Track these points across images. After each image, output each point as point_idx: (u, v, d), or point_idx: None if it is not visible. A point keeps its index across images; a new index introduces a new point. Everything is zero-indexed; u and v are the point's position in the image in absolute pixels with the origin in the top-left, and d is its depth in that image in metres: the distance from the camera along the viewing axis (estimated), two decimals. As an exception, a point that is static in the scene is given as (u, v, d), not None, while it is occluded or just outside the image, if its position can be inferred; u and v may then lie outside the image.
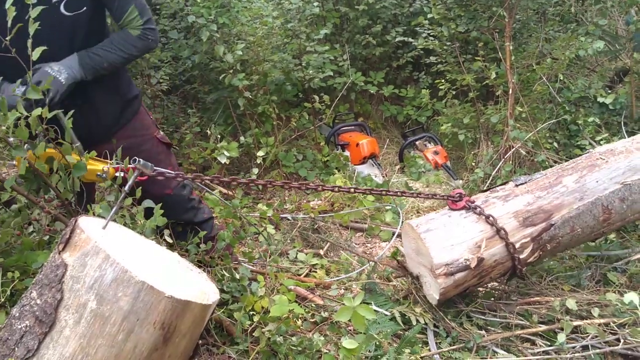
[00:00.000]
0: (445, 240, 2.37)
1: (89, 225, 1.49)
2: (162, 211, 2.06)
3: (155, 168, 1.76)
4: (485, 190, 2.70)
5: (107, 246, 1.39)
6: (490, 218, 2.41)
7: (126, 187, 1.68)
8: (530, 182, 2.65)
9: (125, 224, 1.99)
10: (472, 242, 2.38)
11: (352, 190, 2.32)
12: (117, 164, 1.95)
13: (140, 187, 2.00)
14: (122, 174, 1.92)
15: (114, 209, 1.63)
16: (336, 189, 2.31)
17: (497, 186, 2.71)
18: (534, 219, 2.49)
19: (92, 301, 1.35)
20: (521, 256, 2.43)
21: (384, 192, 2.46)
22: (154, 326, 1.37)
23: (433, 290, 2.39)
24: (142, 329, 1.36)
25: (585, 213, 2.57)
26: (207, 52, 4.55)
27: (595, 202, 2.59)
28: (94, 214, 1.87)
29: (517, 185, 2.64)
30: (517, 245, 2.42)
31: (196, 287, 1.56)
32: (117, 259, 1.36)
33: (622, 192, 2.65)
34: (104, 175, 1.93)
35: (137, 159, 1.69)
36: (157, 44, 2.37)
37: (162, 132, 2.55)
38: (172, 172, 1.82)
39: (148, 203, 2.07)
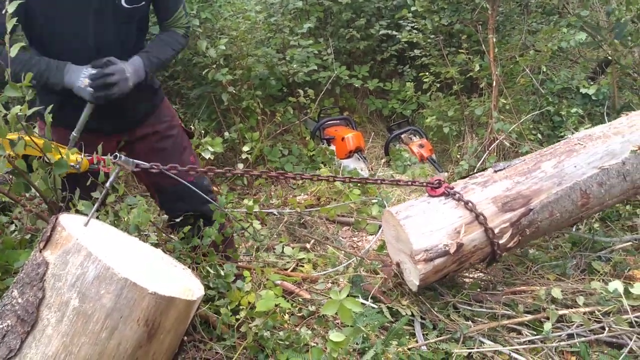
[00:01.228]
0: (425, 226, 2.37)
1: (70, 223, 1.47)
2: (145, 207, 2.05)
3: (137, 162, 1.74)
4: (465, 177, 2.70)
5: (89, 243, 1.37)
6: (469, 204, 2.41)
7: (107, 184, 1.66)
8: (509, 168, 2.66)
9: (109, 222, 1.97)
10: (452, 228, 2.38)
11: (330, 178, 2.34)
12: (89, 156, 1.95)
13: (162, 172, 2.02)
14: (99, 166, 1.90)
15: (95, 206, 1.61)
16: (315, 177, 2.31)
17: (476, 172, 2.71)
18: (512, 204, 2.49)
19: (75, 299, 1.33)
20: (500, 241, 2.44)
21: (363, 180, 2.49)
22: (138, 323, 1.35)
23: (413, 277, 2.39)
24: (125, 326, 1.34)
25: (563, 198, 2.58)
26: (190, 47, 4.52)
27: (573, 187, 2.60)
28: (77, 212, 1.85)
29: (496, 171, 2.64)
30: (496, 231, 2.42)
31: (180, 283, 1.54)
32: (99, 256, 1.34)
33: (600, 177, 2.67)
34: (77, 166, 1.91)
35: (118, 155, 1.67)
36: None
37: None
38: (147, 164, 1.81)
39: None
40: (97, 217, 1.88)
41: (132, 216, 2.05)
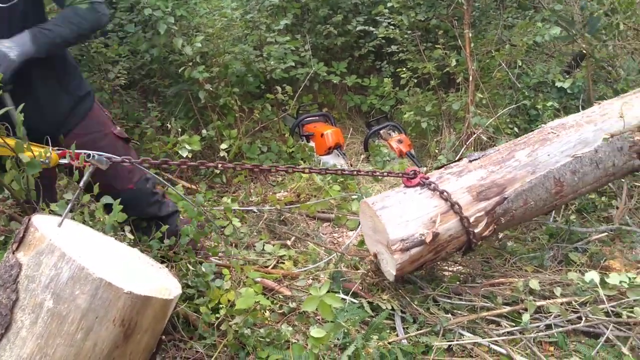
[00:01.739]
0: (400, 216, 2.38)
1: (43, 224, 1.44)
2: (121, 207, 2.03)
3: (111, 157, 1.72)
4: (440, 167, 2.72)
5: (62, 244, 1.35)
6: (445, 193, 2.43)
7: (81, 184, 1.63)
8: (483, 158, 2.68)
9: (84, 221, 1.94)
10: (427, 218, 2.39)
11: (306, 170, 2.34)
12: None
13: (100, 183, 1.96)
14: (69, 161, 1.86)
15: (68, 206, 1.59)
16: (290, 169, 2.31)
17: (452, 162, 2.74)
18: (487, 193, 2.51)
19: (49, 300, 1.31)
20: (476, 230, 2.46)
21: (339, 172, 2.49)
22: (114, 323, 1.34)
23: (390, 267, 2.40)
24: (101, 327, 1.33)
25: (537, 186, 2.61)
26: (166, 45, 4.47)
27: (547, 175, 2.64)
28: (50, 212, 1.82)
29: (470, 161, 2.67)
30: (471, 219, 2.44)
31: (157, 282, 1.53)
32: (73, 257, 1.32)
33: (574, 165, 2.70)
34: (47, 160, 1.87)
35: (92, 154, 1.65)
36: (107, 18, 2.32)
37: (119, 128, 2.50)
38: (119, 157, 1.78)
39: (107, 199, 2.04)
40: (73, 218, 1.85)
41: (109, 216, 2.02)
